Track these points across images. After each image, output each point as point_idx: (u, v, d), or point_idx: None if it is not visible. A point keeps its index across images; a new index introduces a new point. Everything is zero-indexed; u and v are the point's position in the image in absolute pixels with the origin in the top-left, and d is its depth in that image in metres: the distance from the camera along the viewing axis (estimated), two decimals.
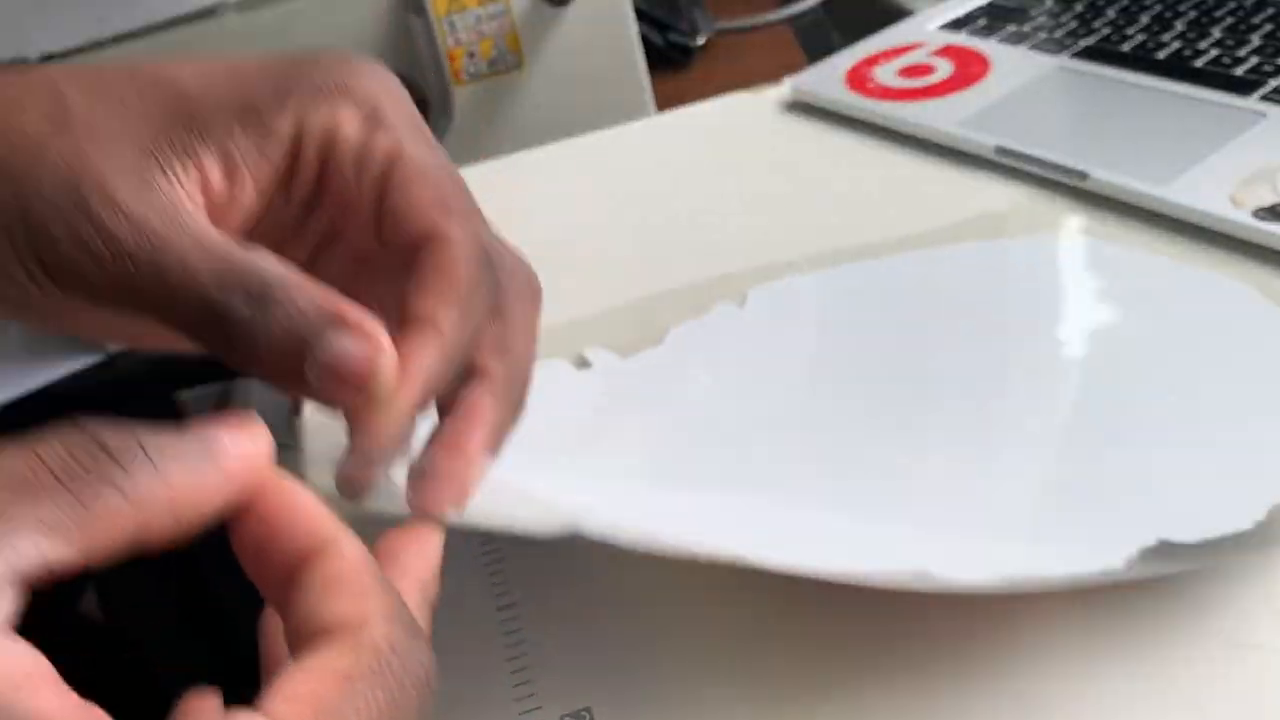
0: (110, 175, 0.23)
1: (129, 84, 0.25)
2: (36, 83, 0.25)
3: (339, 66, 0.26)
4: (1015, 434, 0.39)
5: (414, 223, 0.26)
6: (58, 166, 0.23)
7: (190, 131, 0.25)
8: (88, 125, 0.24)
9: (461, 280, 0.25)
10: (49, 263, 0.23)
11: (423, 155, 0.26)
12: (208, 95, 0.25)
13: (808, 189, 0.56)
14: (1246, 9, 0.60)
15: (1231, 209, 0.46)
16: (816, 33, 0.95)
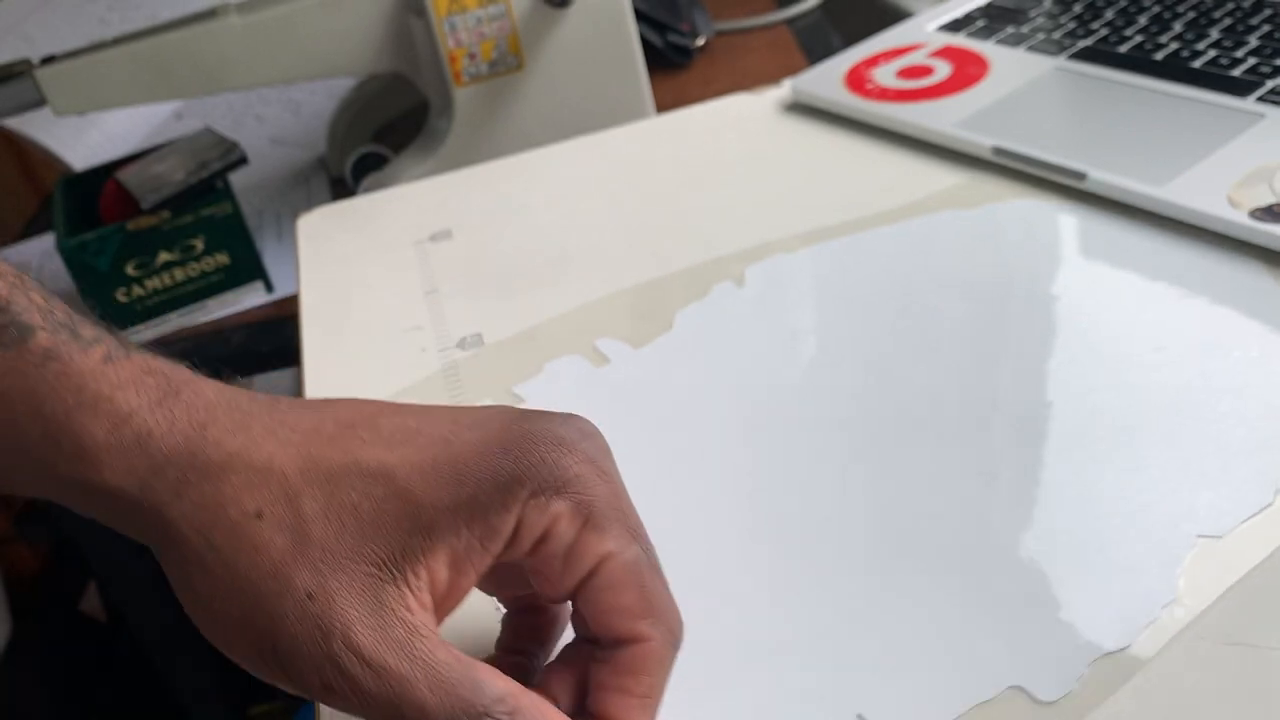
0: (351, 620, 0.25)
1: (361, 488, 0.26)
2: (270, 479, 0.26)
3: (557, 455, 0.27)
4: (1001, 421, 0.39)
5: (617, 625, 0.28)
6: (304, 605, 0.25)
7: (422, 539, 0.26)
8: (324, 547, 0.26)
9: (658, 685, 0.28)
10: (297, 687, 0.26)
11: (630, 556, 0.27)
12: (435, 499, 0.26)
13: (807, 189, 0.56)
14: (1244, 10, 0.61)
15: (1229, 209, 0.46)
16: (815, 34, 0.96)
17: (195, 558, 0.26)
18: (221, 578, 0.26)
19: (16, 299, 0.28)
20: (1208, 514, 0.35)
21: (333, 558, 0.26)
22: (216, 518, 0.26)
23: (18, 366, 0.27)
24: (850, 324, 0.46)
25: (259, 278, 0.79)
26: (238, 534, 0.26)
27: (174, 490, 0.26)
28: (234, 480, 0.26)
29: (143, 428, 0.27)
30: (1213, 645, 0.31)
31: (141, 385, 0.28)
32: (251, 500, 0.26)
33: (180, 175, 0.75)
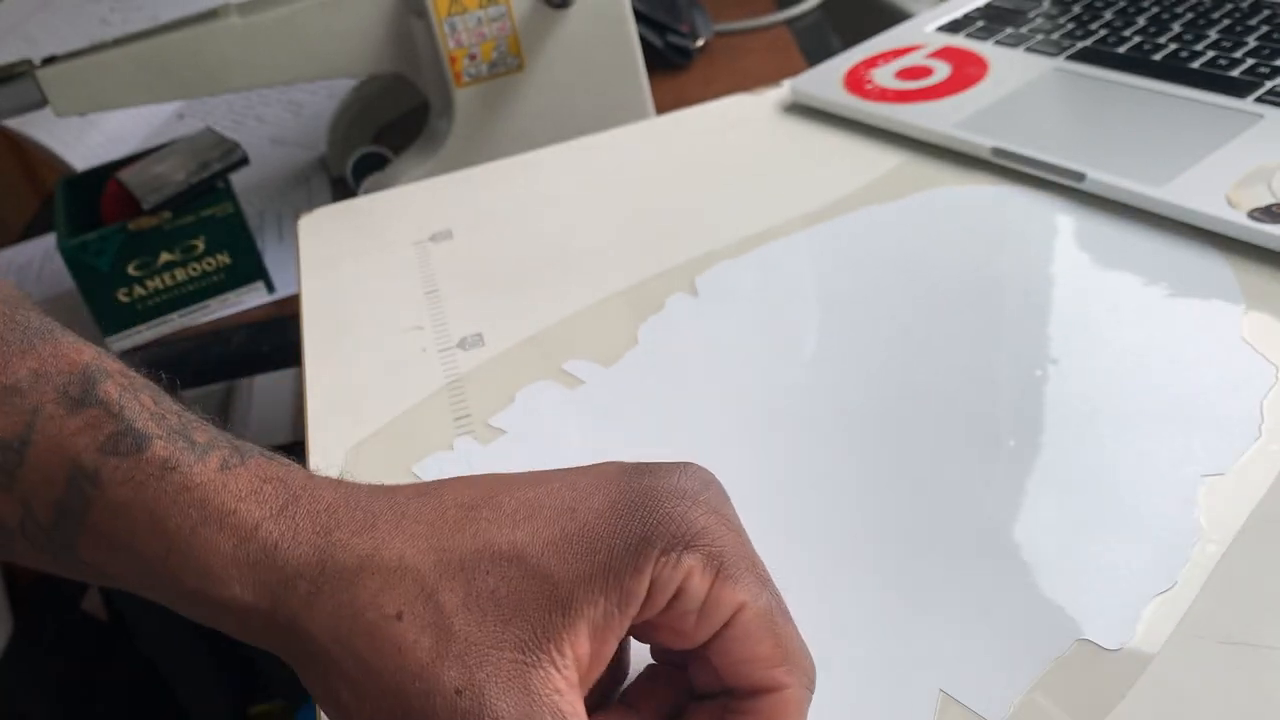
0: (502, 714, 0.25)
1: (497, 573, 0.26)
2: (405, 577, 0.26)
3: (683, 509, 0.27)
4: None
5: (755, 675, 0.27)
6: (455, 704, 0.25)
7: (562, 616, 0.26)
8: (468, 639, 0.25)
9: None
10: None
11: (763, 605, 0.27)
12: (570, 573, 0.26)
13: (807, 190, 0.56)
14: (1243, 11, 0.61)
15: (1228, 209, 0.46)
16: (815, 35, 0.96)
17: (337, 668, 0.26)
18: (366, 685, 0.25)
19: (128, 404, 0.28)
20: (1206, 455, 0.36)
21: (477, 649, 0.25)
22: (355, 625, 0.26)
23: (135, 478, 0.27)
24: (846, 320, 0.46)
25: (260, 278, 0.79)
26: (379, 637, 0.26)
27: (307, 601, 0.26)
28: (369, 584, 0.26)
29: (268, 540, 0.27)
30: (1213, 645, 0.31)
31: (261, 495, 0.27)
32: (390, 602, 0.26)
33: (181, 175, 0.75)
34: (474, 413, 0.45)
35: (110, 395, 0.28)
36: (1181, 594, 0.33)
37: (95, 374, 0.29)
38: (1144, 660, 0.31)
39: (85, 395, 0.28)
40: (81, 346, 0.30)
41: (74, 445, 0.27)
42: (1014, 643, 0.32)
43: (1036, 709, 0.31)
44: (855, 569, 0.36)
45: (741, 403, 0.43)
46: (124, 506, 0.27)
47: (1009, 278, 0.47)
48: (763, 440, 0.41)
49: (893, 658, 0.33)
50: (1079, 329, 0.43)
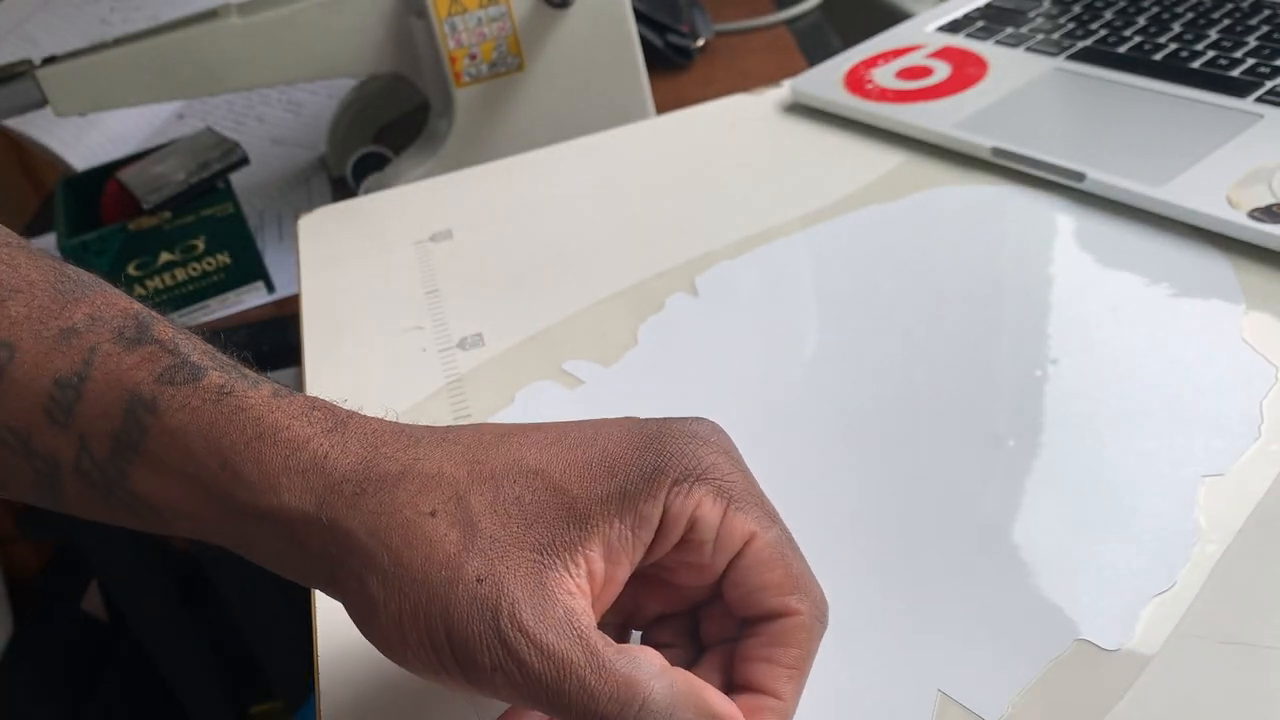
0: (519, 600, 0.27)
1: (523, 483, 0.29)
2: (441, 483, 0.28)
3: (695, 447, 0.29)
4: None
5: (766, 601, 0.29)
6: (474, 588, 0.27)
7: (579, 530, 0.28)
8: (492, 537, 0.28)
9: (806, 657, 0.29)
10: (472, 676, 0.27)
11: (773, 536, 0.29)
12: (590, 493, 0.28)
13: (806, 190, 0.56)
14: (1243, 11, 0.61)
15: (1228, 209, 0.46)
16: (815, 35, 0.96)
17: (372, 561, 0.28)
18: (396, 575, 0.27)
19: (182, 342, 0.30)
20: (1206, 455, 0.36)
21: (499, 546, 0.28)
22: (392, 520, 0.28)
23: (191, 403, 0.29)
24: (846, 320, 0.46)
25: (260, 278, 0.79)
26: (412, 531, 0.28)
27: (350, 503, 0.28)
28: (408, 486, 0.28)
29: (319, 450, 0.29)
30: (1212, 645, 0.31)
31: (311, 417, 0.29)
32: (426, 502, 0.28)
33: (181, 175, 0.75)
34: (474, 413, 0.45)
35: (165, 334, 0.30)
36: (1181, 594, 0.33)
37: (148, 319, 0.31)
38: (1143, 660, 0.31)
39: (141, 335, 0.30)
40: (130, 299, 0.32)
41: (132, 378, 0.29)
42: (1013, 643, 0.32)
43: (1034, 709, 0.31)
44: (854, 568, 0.36)
45: (741, 402, 0.43)
46: (180, 430, 0.29)
47: (1009, 278, 0.47)
48: (762, 440, 0.41)
49: (891, 657, 0.33)
50: (1079, 329, 0.43)
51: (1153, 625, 0.32)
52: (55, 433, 0.29)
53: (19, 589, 1.27)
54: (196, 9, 0.70)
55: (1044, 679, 0.31)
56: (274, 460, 0.28)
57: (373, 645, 0.28)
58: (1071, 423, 0.39)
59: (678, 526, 0.29)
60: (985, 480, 0.38)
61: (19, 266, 0.30)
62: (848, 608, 0.34)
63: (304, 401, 0.30)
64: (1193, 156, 0.50)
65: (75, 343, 0.29)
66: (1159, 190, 0.48)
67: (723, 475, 0.29)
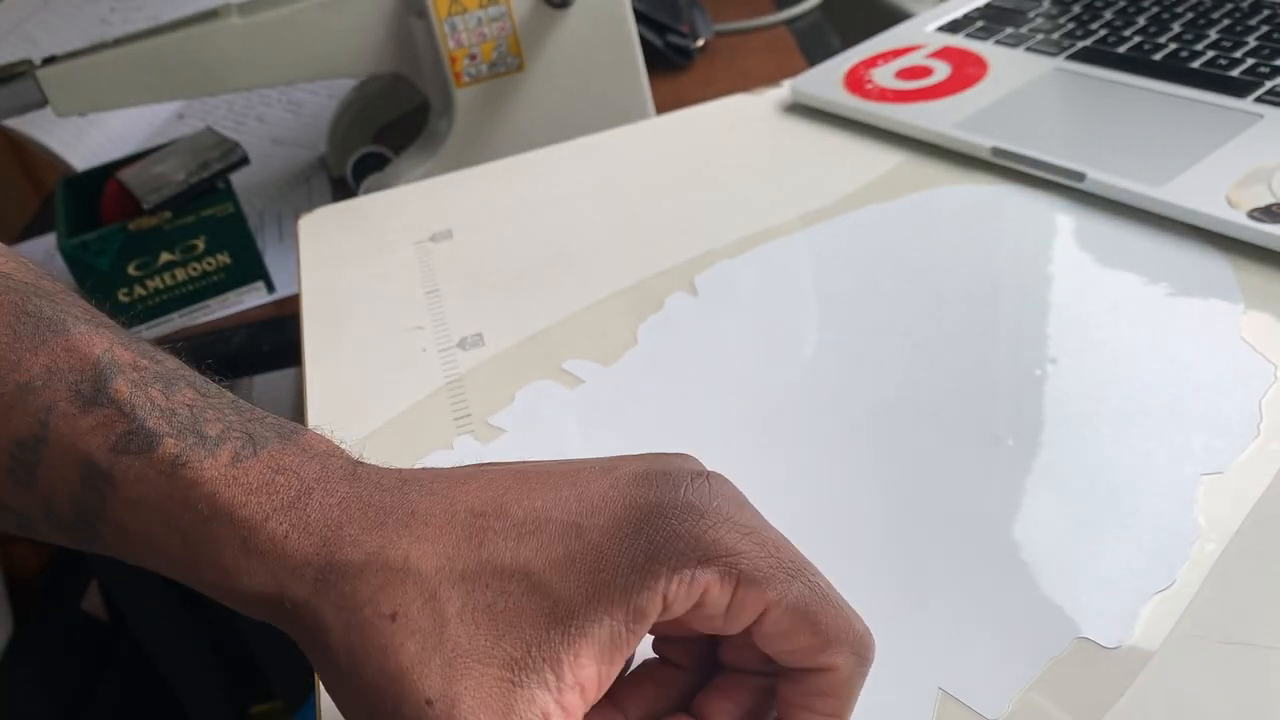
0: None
1: (497, 587, 0.26)
2: (407, 578, 0.26)
3: (693, 523, 0.26)
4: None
5: (799, 662, 0.27)
6: (422, 713, 0.24)
7: (562, 634, 0.25)
8: (456, 648, 0.25)
9: (846, 703, 0.27)
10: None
11: (793, 599, 0.26)
12: (575, 593, 0.26)
13: (806, 190, 0.56)
14: (1243, 11, 0.61)
15: (1228, 209, 0.46)
16: (815, 35, 0.96)
17: (331, 658, 0.26)
18: (350, 679, 0.26)
19: (139, 402, 0.28)
20: (1205, 454, 0.37)
21: (463, 661, 0.25)
22: (352, 618, 0.26)
23: (147, 476, 0.27)
24: (845, 319, 0.46)
25: (260, 278, 0.79)
26: (369, 634, 0.26)
27: (314, 589, 0.26)
28: (371, 580, 0.26)
29: (277, 532, 0.27)
30: (1213, 645, 0.31)
31: (273, 487, 0.27)
32: (387, 601, 0.26)
33: (181, 175, 0.75)
34: (474, 412, 0.45)
35: (122, 394, 0.28)
36: (1180, 592, 0.33)
37: (107, 370, 0.29)
38: (1143, 658, 0.31)
39: (97, 394, 0.28)
40: (93, 337, 0.29)
41: (87, 445, 0.28)
42: (1013, 641, 0.32)
43: (1034, 707, 0.31)
44: (854, 567, 0.35)
45: (741, 402, 0.43)
46: (138, 503, 0.27)
47: (1009, 277, 0.47)
48: (762, 439, 0.42)
49: (892, 655, 0.33)
50: (1079, 328, 0.43)
51: (1152, 623, 0.32)
52: (22, 491, 0.28)
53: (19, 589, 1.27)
54: (196, 9, 0.70)
55: (1044, 677, 0.31)
56: (231, 543, 0.27)
57: None
58: (1071, 422, 0.39)
59: (681, 609, 0.26)
60: (984, 479, 0.38)
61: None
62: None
63: (266, 465, 0.28)
64: (1193, 156, 0.50)
65: (32, 401, 0.28)
66: (1159, 190, 0.48)
67: (728, 551, 0.26)
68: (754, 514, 0.28)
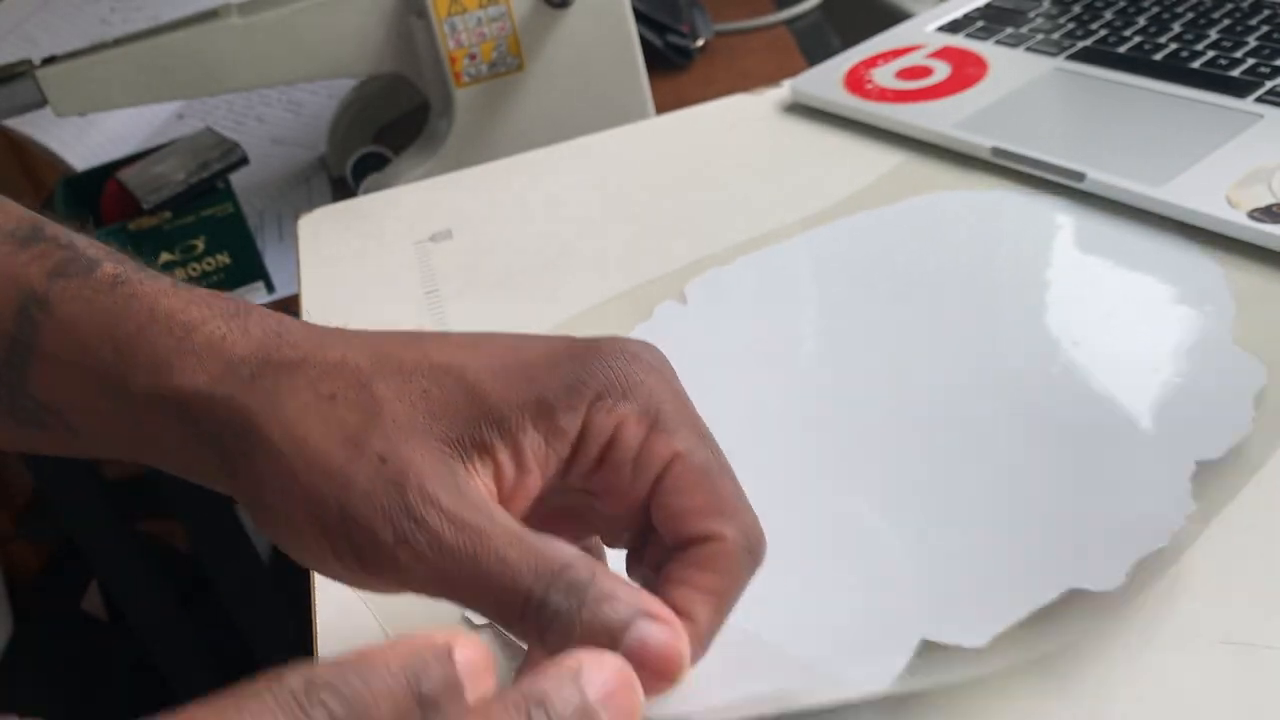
0: (427, 476, 0.25)
1: (431, 377, 0.27)
2: (344, 370, 0.27)
3: (624, 363, 0.27)
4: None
5: (690, 526, 0.27)
6: (378, 467, 0.25)
7: (489, 426, 0.26)
8: (396, 421, 0.26)
9: (728, 584, 0.27)
10: (368, 557, 0.25)
11: (699, 458, 0.27)
12: (504, 393, 0.26)
13: (806, 190, 0.56)
14: (1243, 11, 0.61)
15: (1228, 209, 0.46)
16: (815, 35, 0.96)
17: (264, 441, 0.26)
18: (291, 454, 0.25)
19: (76, 239, 0.29)
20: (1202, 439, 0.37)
21: (404, 433, 0.26)
22: (291, 401, 0.26)
23: (84, 294, 0.28)
24: (840, 324, 0.47)
25: (260, 278, 0.79)
26: (310, 413, 0.26)
27: (247, 384, 0.26)
28: (309, 372, 0.27)
29: (216, 333, 0.27)
30: (1213, 645, 0.31)
31: (212, 303, 0.28)
32: (326, 386, 0.26)
33: (181, 175, 0.75)
34: None
35: (58, 233, 0.29)
36: (1179, 591, 0.33)
37: (42, 223, 0.30)
38: (1127, 603, 0.32)
39: (34, 234, 0.29)
40: (34, 213, 0.31)
41: (25, 275, 0.28)
42: (1001, 588, 0.33)
43: (1012, 643, 0.31)
44: (837, 581, 0.36)
45: (726, 410, 0.43)
46: (72, 321, 0.28)
47: (1008, 278, 0.47)
48: (748, 443, 0.41)
49: (877, 598, 0.33)
50: (1078, 327, 0.43)
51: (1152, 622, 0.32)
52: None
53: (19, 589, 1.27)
54: (196, 9, 0.70)
55: (1029, 620, 0.31)
56: (166, 343, 0.27)
57: (263, 533, 0.27)
58: (1067, 416, 0.39)
59: (596, 443, 0.27)
60: (976, 473, 0.38)
61: None
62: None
63: (207, 293, 0.28)
64: (1193, 156, 0.50)
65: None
66: (1159, 190, 0.48)
67: (651, 394, 0.27)
68: (679, 382, 0.29)
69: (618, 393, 0.27)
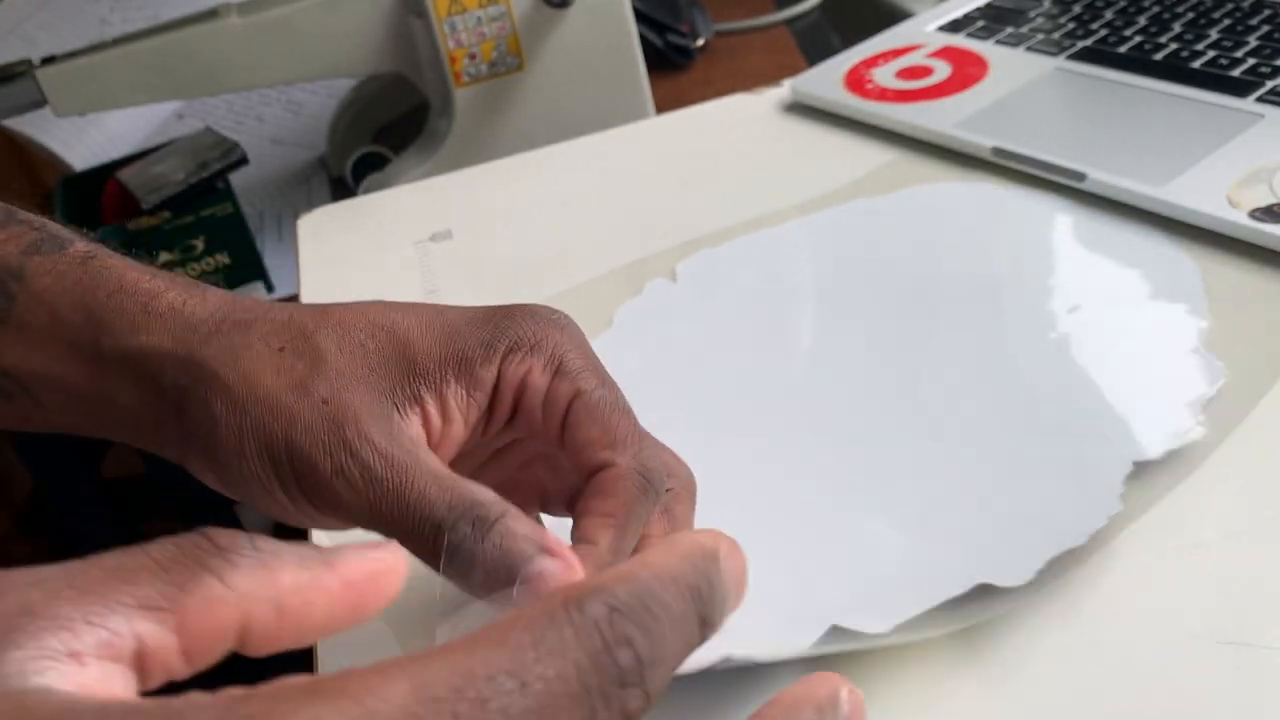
0: (364, 418, 0.29)
1: (367, 332, 0.31)
2: (291, 326, 0.31)
3: (532, 323, 0.31)
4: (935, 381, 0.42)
5: (588, 456, 0.31)
6: (320, 407, 0.29)
7: (417, 380, 0.30)
8: (338, 370, 0.30)
9: (625, 506, 0.30)
10: (308, 486, 0.28)
11: (597, 396, 0.31)
12: (430, 349, 0.31)
13: (806, 189, 0.56)
14: (1243, 11, 0.61)
15: (1228, 209, 0.46)
16: (815, 34, 0.96)
17: (220, 386, 0.29)
18: (242, 395, 0.29)
19: (47, 222, 0.33)
20: (1141, 440, 0.37)
21: (346, 378, 0.30)
22: (244, 352, 0.30)
23: (57, 269, 0.31)
24: (823, 309, 0.47)
25: (260, 278, 0.79)
26: (261, 361, 0.30)
27: (204, 340, 0.30)
28: (260, 329, 0.31)
29: (177, 300, 0.31)
30: (1213, 645, 0.31)
31: (173, 280, 0.32)
32: (276, 340, 0.30)
33: (181, 175, 0.75)
34: None
35: (30, 217, 0.33)
36: (1178, 589, 0.33)
37: (15, 210, 0.33)
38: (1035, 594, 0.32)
39: (8, 218, 0.33)
40: (3, 203, 0.34)
41: (0, 252, 0.32)
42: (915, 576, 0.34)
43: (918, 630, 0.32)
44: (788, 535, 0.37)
45: (708, 384, 0.44)
46: (46, 292, 0.31)
47: (1008, 277, 0.47)
48: (722, 417, 0.43)
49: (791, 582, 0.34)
50: (1076, 327, 0.44)
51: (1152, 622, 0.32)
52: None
53: None
54: (196, 9, 0.70)
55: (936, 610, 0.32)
56: (134, 307, 0.31)
57: (209, 478, 0.30)
58: (1017, 410, 0.40)
59: (510, 391, 0.31)
60: (913, 460, 0.39)
61: None
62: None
63: (170, 272, 0.33)
64: (1193, 156, 0.50)
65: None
66: (1159, 190, 0.48)
67: (554, 346, 0.31)
68: (585, 340, 0.33)
69: (526, 346, 0.31)
